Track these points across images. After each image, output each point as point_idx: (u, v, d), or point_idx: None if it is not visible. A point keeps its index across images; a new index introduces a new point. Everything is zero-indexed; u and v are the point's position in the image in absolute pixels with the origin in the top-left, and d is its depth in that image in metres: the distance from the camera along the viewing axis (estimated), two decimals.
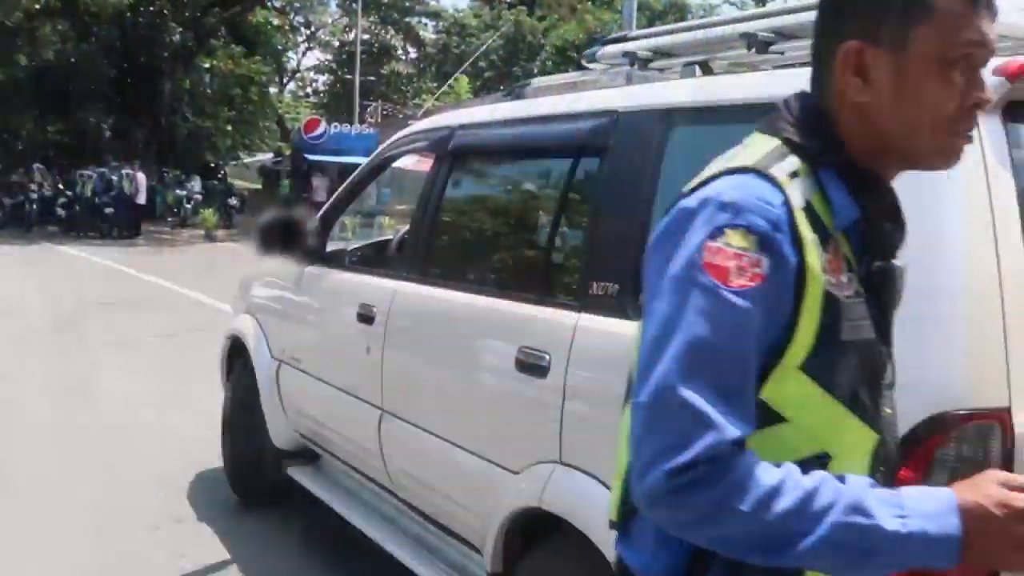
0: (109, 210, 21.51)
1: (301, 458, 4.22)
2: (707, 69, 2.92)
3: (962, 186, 1.75)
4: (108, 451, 5.52)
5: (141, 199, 22.50)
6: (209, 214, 22.91)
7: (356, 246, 4.45)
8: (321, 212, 4.21)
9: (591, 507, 2.23)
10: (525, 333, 2.60)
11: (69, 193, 21.82)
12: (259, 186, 35.00)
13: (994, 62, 1.64)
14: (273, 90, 36.97)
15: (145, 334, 9.30)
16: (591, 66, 3.36)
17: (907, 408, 1.40)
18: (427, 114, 10.28)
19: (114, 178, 21.87)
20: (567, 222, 2.85)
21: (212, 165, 33.10)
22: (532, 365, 2.51)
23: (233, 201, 25.59)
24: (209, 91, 29.06)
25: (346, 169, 25.25)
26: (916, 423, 1.66)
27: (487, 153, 3.39)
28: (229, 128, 30.52)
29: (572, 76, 3.42)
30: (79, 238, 21.03)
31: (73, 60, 25.41)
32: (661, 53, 3.05)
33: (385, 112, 40.50)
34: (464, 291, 3.01)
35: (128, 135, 25.59)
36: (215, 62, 28.66)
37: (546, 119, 3.00)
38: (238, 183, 35.49)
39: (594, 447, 2.27)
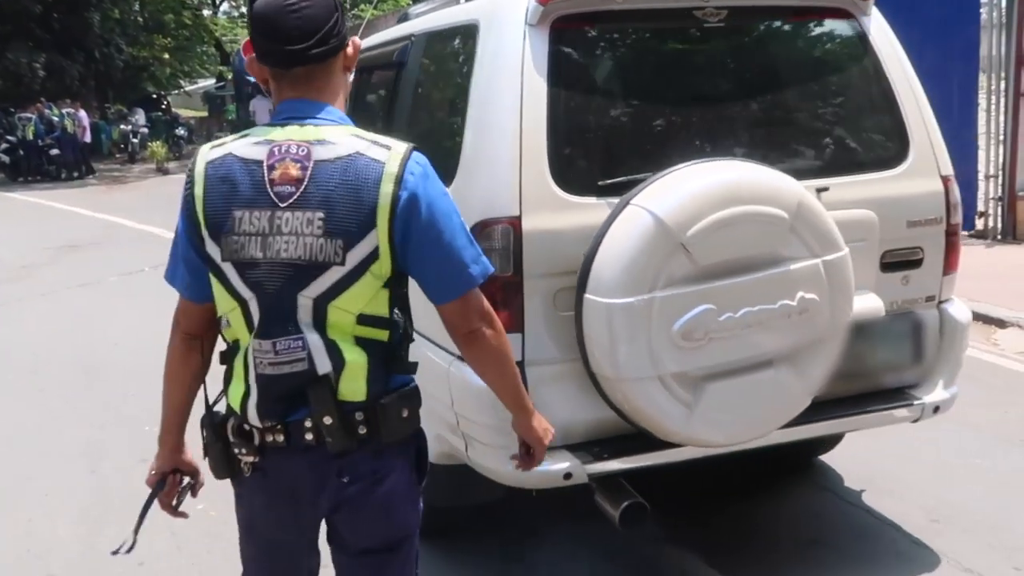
0: (55, 151, 21.02)
1: None
2: None
3: (509, 72, 2.82)
4: (88, 392, 5.59)
5: (87, 137, 22.01)
6: (158, 146, 22.48)
7: None
8: None
9: None
10: None
11: (11, 138, 21.25)
12: (205, 113, 34.25)
13: None
14: (207, 12, 35.78)
15: (107, 274, 9.27)
16: None
17: (470, 216, 2.44)
18: (370, 27, 10.26)
19: (55, 119, 21.30)
20: (389, 119, 3.75)
21: (154, 96, 32.28)
22: None
23: (180, 131, 25.10)
24: (141, 19, 28.11)
25: None
26: (472, 224, 2.61)
27: (371, 69, 4.30)
28: (166, 56, 29.71)
29: (423, 6, 4.08)
30: (27, 183, 20.59)
31: None
32: None
33: None
34: None
35: (63, 73, 24.79)
36: None
37: (391, 42, 4.02)
38: (183, 112, 34.69)
39: None
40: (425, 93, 3.66)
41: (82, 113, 21.87)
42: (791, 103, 3.33)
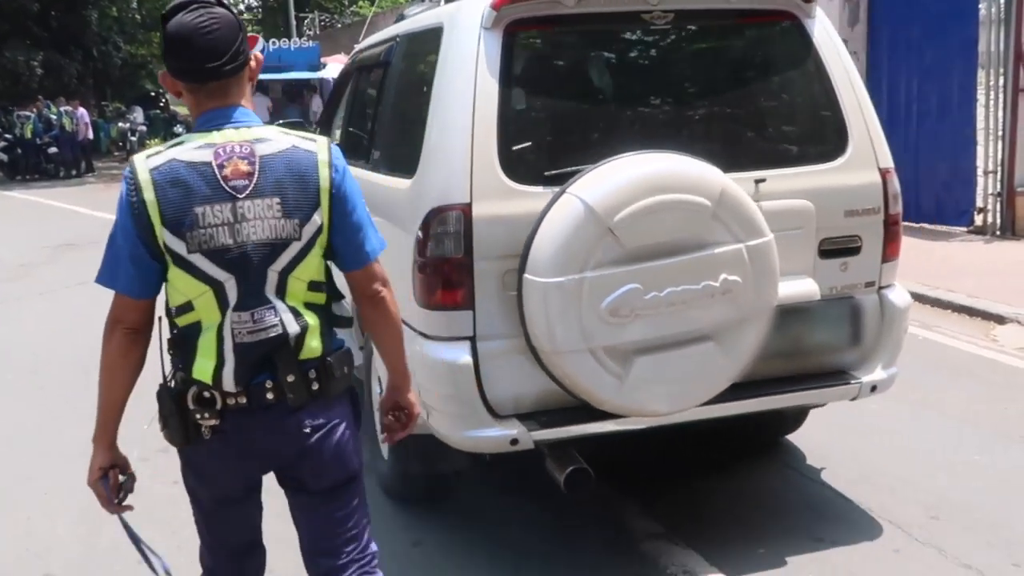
0: (53, 150, 20.99)
1: None
2: None
3: (465, 72, 3.11)
4: (87, 391, 5.58)
5: (89, 134, 21.93)
6: (156, 144, 22.40)
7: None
8: (318, 119, 5.81)
9: None
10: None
11: (9, 136, 21.22)
12: None
13: None
14: None
15: None
16: None
17: (422, 205, 3.05)
18: (371, 25, 10.32)
19: (53, 117, 21.27)
20: (376, 115, 4.22)
21: (153, 94, 32.20)
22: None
23: (179, 129, 25.01)
24: (138, 17, 28.06)
25: (291, 85, 24.81)
26: (427, 211, 3.05)
27: (367, 67, 4.67)
28: None
29: (416, 7, 4.28)
30: (25, 182, 20.58)
31: None
32: None
33: (323, 23, 39.42)
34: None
35: (61, 71, 24.74)
36: None
37: (382, 42, 4.41)
38: (182, 110, 34.56)
39: None
40: (402, 90, 3.93)
41: (82, 111, 21.82)
42: (733, 100, 3.58)
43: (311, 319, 2.13)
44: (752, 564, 3.36)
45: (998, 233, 9.23)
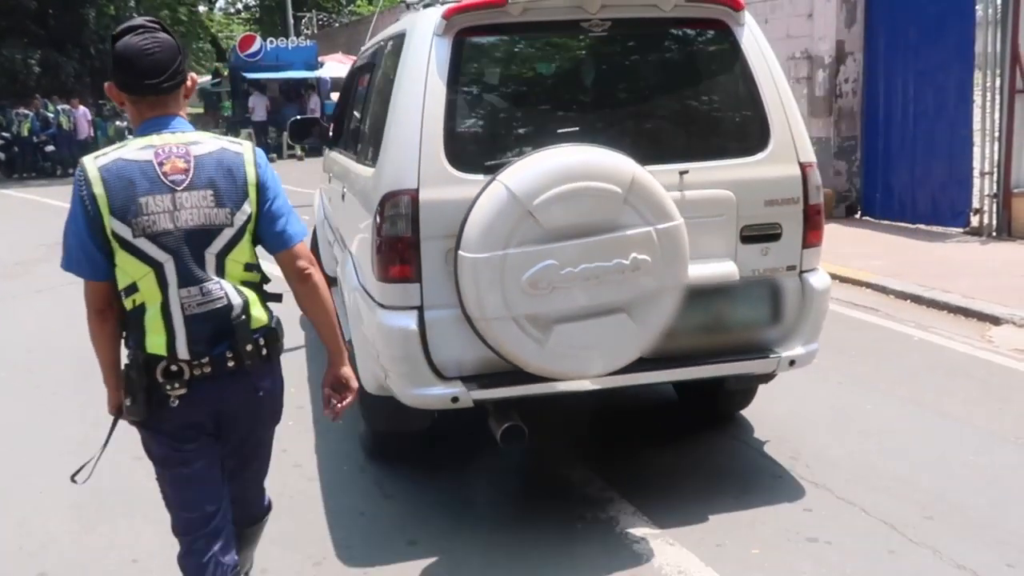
0: (50, 148, 20.95)
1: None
2: None
3: (418, 73, 3.53)
4: (83, 389, 5.57)
5: (91, 132, 21.84)
6: None
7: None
8: (333, 114, 6.50)
9: None
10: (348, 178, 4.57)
11: (6, 135, 21.17)
12: (201, 110, 34.16)
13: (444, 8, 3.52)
14: (202, 8, 35.70)
15: None
16: None
17: (379, 190, 3.47)
18: (376, 27, 10.58)
19: (50, 115, 21.22)
20: (363, 111, 4.59)
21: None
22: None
23: None
24: (136, 15, 27.97)
25: (288, 84, 24.81)
26: (381, 196, 3.48)
27: (363, 67, 5.15)
28: None
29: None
30: (22, 180, 20.54)
31: None
32: None
33: (320, 22, 39.38)
34: (344, 154, 4.99)
35: (58, 69, 24.68)
36: None
37: (374, 44, 4.94)
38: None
39: None
40: (379, 89, 4.27)
41: (83, 109, 21.71)
42: (663, 100, 3.95)
43: (250, 294, 2.49)
44: (747, 564, 3.36)
45: (994, 234, 9.24)
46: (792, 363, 3.78)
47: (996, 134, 9.24)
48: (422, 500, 3.96)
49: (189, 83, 2.52)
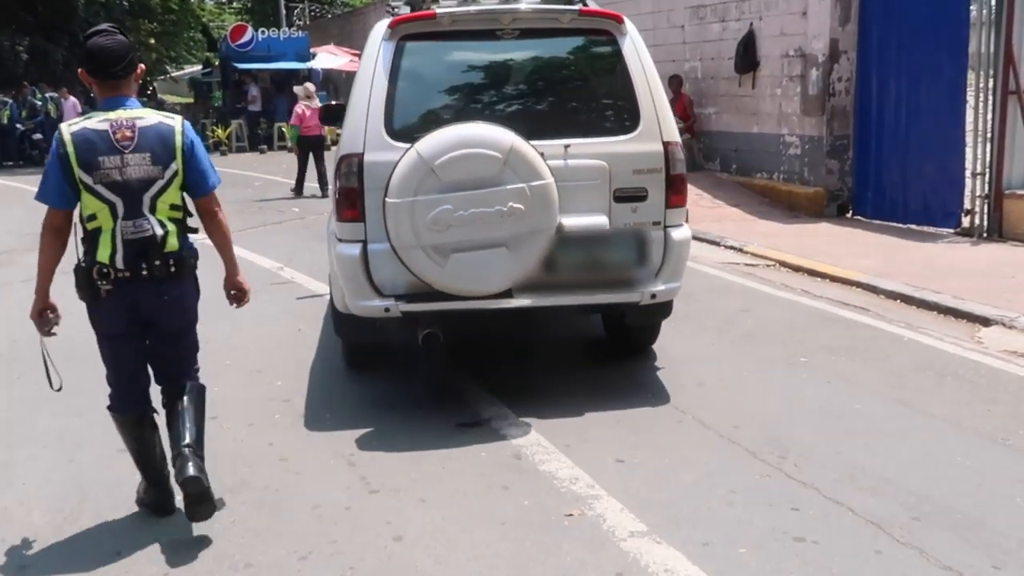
0: (37, 136, 20.73)
1: None
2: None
3: (369, 69, 4.73)
4: (66, 380, 5.52)
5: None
6: None
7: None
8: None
9: None
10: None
11: None
12: (191, 100, 33.98)
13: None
14: None
15: None
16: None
17: (338, 153, 4.77)
18: (358, 14, 10.56)
19: (37, 103, 21.03)
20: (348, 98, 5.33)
21: (140, 82, 31.94)
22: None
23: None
24: (126, 3, 27.79)
25: (279, 75, 24.67)
26: (338, 157, 4.71)
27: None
28: (152, 41, 29.37)
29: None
30: (8, 168, 20.34)
31: None
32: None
33: (313, 13, 39.23)
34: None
35: (47, 56, 24.49)
36: None
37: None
38: (169, 98, 34.45)
39: None
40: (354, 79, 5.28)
41: (72, 101, 21.39)
42: (556, 90, 5.12)
43: (171, 227, 3.59)
44: (734, 563, 3.35)
45: (985, 235, 9.27)
46: (653, 296, 4.84)
47: (988, 135, 9.26)
48: (409, 496, 3.93)
49: (138, 71, 3.61)
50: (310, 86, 14.68)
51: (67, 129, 3.45)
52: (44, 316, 3.62)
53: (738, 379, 5.36)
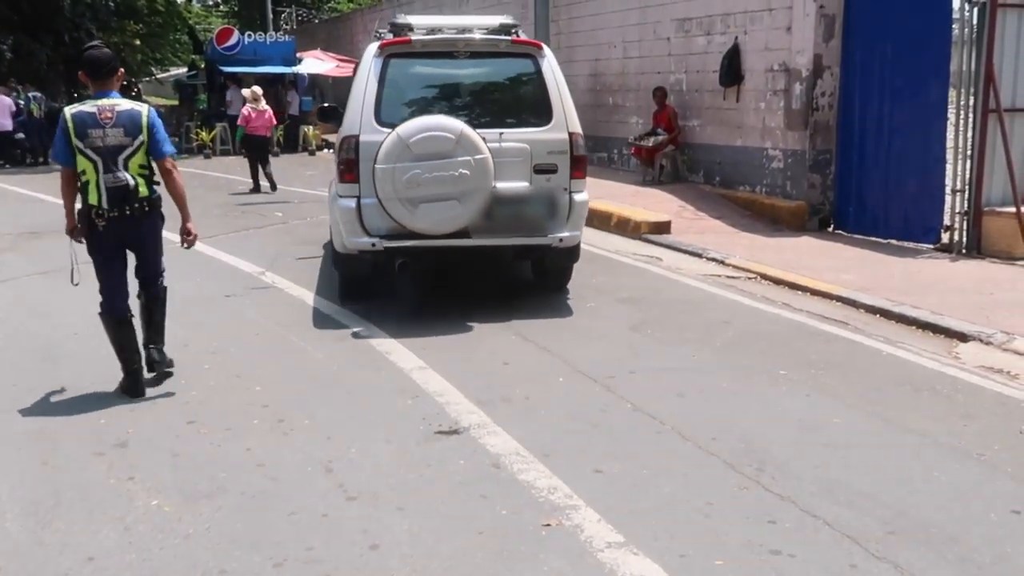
0: (20, 136, 20.56)
1: None
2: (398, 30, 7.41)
3: (363, 76, 7.02)
4: (44, 381, 5.49)
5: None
6: None
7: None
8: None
9: None
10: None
11: None
12: (176, 102, 33.80)
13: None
14: (180, 0, 35.35)
15: (68, 261, 9.07)
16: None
17: (340, 135, 7.06)
18: (345, 19, 11.48)
19: (21, 103, 20.85)
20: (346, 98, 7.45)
21: (125, 83, 31.78)
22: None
23: None
24: (112, 3, 27.64)
25: (265, 79, 24.57)
26: (341, 138, 6.96)
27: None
28: (138, 43, 29.18)
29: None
30: None
31: None
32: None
33: (300, 18, 39.17)
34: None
35: (31, 56, 24.32)
36: None
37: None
38: (154, 100, 34.20)
39: None
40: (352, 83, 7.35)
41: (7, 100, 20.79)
42: (496, 95, 7.27)
43: (140, 180, 5.14)
44: (710, 575, 3.35)
45: (964, 251, 9.34)
46: (561, 240, 6.91)
47: (969, 152, 9.34)
48: (386, 504, 3.92)
49: (119, 73, 5.23)
50: (257, 89, 15.45)
51: (69, 110, 5.10)
52: (74, 231, 5.23)
53: (717, 391, 5.38)
